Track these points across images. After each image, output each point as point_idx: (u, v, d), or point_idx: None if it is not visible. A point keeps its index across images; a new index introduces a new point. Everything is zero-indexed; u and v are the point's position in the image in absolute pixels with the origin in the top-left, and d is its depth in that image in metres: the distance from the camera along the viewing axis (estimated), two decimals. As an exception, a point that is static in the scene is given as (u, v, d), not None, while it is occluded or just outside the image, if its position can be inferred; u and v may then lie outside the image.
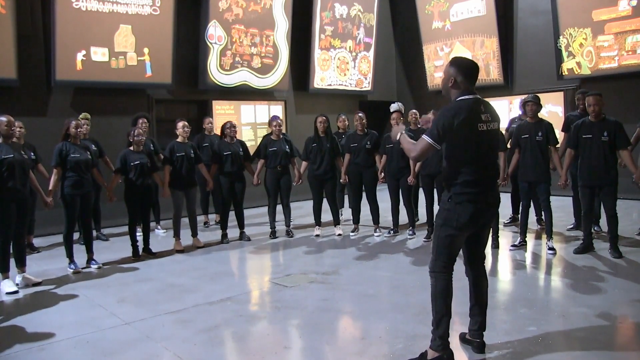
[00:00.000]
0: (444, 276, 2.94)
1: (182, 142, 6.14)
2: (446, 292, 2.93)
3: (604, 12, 8.41)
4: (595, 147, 5.01)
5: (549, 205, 5.33)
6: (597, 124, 5.03)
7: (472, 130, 2.86)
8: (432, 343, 2.93)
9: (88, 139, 6.36)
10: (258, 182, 6.52)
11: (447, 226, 2.91)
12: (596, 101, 5.00)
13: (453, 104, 2.92)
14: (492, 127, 2.94)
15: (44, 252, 6.31)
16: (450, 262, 2.96)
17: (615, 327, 3.53)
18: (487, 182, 2.94)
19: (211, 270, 5.28)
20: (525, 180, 5.42)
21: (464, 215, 2.87)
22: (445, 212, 2.93)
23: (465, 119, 2.83)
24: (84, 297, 4.53)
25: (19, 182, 4.69)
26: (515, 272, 4.97)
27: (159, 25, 8.08)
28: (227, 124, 6.52)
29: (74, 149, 5.29)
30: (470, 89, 2.94)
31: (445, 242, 2.93)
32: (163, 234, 7.10)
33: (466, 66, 2.98)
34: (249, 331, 3.66)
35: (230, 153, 6.36)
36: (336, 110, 9.26)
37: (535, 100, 5.39)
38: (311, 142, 6.61)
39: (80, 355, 3.34)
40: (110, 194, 5.73)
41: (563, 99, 9.25)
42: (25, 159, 4.85)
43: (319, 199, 6.71)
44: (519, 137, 5.43)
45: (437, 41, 10.92)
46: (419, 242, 6.14)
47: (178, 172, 6.04)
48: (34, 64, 7.31)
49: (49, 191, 5.20)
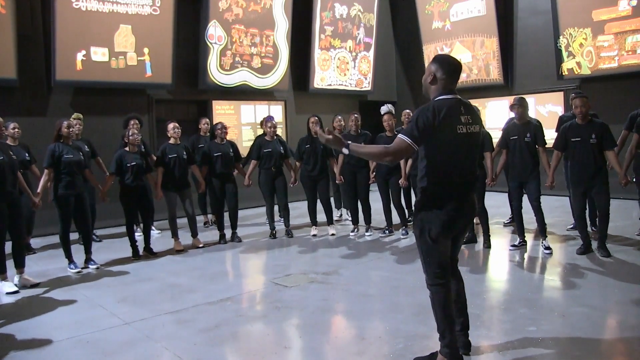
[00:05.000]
0: (439, 288, 2.81)
1: (174, 143, 6.12)
2: (445, 304, 2.81)
3: (604, 12, 8.40)
4: (585, 149, 5.03)
5: (539, 205, 5.36)
6: (585, 126, 5.07)
7: (450, 132, 2.69)
8: (442, 349, 2.87)
9: (81, 140, 6.34)
10: (249, 183, 6.51)
11: (423, 237, 2.79)
12: (582, 103, 5.03)
13: (431, 103, 2.75)
14: (472, 130, 2.76)
15: (45, 252, 6.30)
16: (442, 269, 2.81)
17: (615, 327, 3.53)
18: (461, 188, 2.79)
19: (211, 270, 5.28)
20: (515, 181, 5.46)
21: (436, 225, 2.74)
22: (420, 223, 2.81)
23: (443, 120, 2.66)
24: (84, 297, 4.53)
25: (9, 184, 4.66)
26: (515, 272, 4.96)
27: (159, 25, 8.08)
28: (218, 124, 6.53)
29: (67, 150, 5.26)
30: (451, 88, 2.79)
31: (428, 253, 2.81)
32: (157, 234, 7.08)
33: (448, 63, 2.82)
34: (249, 331, 3.66)
35: (221, 154, 6.35)
36: (336, 110, 9.25)
37: (520, 103, 5.42)
38: (304, 143, 6.62)
39: (80, 355, 3.34)
40: (104, 195, 5.71)
41: (563, 99, 9.23)
42: (14, 161, 4.81)
43: (313, 199, 6.71)
44: (508, 138, 5.46)
45: (437, 41, 10.91)
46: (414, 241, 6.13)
47: (171, 173, 6.02)
48: (34, 64, 7.31)
49: (37, 192, 5.14)
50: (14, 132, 5.85)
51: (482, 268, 5.08)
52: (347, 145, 2.78)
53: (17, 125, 5.89)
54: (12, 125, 5.81)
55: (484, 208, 5.73)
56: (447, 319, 2.82)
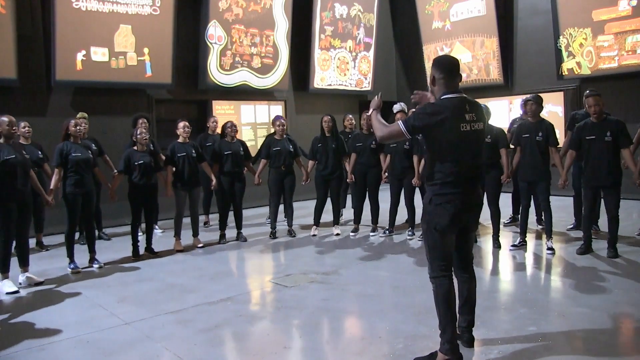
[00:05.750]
0: (443, 280, 2.90)
1: (183, 142, 6.14)
2: (448, 297, 2.88)
3: (604, 12, 8.40)
4: (599, 148, 4.98)
5: (548, 205, 5.33)
6: (600, 124, 5.02)
7: (454, 130, 2.80)
8: (441, 347, 2.90)
9: (88, 138, 6.37)
10: (259, 182, 6.52)
11: (430, 230, 2.91)
12: (596, 101, 4.98)
13: (437, 102, 2.90)
14: (476, 128, 2.87)
15: (44, 252, 6.30)
16: (447, 263, 2.93)
17: (616, 327, 3.53)
18: (467, 183, 2.88)
19: (211, 270, 5.28)
20: (525, 180, 5.42)
21: (444, 218, 2.84)
22: (427, 216, 2.94)
23: (445, 119, 2.79)
24: (84, 297, 4.53)
25: (20, 183, 4.70)
26: (515, 272, 4.97)
27: (159, 25, 8.08)
28: (228, 123, 6.53)
29: (75, 148, 5.30)
30: (454, 87, 2.89)
31: (434, 246, 2.92)
32: (160, 233, 7.10)
33: (444, 62, 2.96)
34: (249, 331, 3.66)
35: (231, 152, 6.36)
36: (336, 110, 9.25)
37: (535, 100, 5.38)
38: (317, 142, 6.66)
39: (80, 355, 3.34)
40: (112, 193, 5.74)
41: (563, 99, 9.24)
42: (26, 160, 4.86)
43: (324, 199, 6.71)
44: (520, 136, 5.42)
45: (437, 41, 10.91)
46: (418, 242, 6.14)
47: (180, 172, 6.04)
48: (34, 64, 7.31)
49: (49, 190, 5.22)
50: (25, 132, 5.88)
51: (482, 268, 5.07)
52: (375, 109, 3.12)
53: (28, 124, 5.93)
54: (23, 124, 5.84)
55: (497, 208, 5.68)
56: (449, 313, 2.88)
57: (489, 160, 5.48)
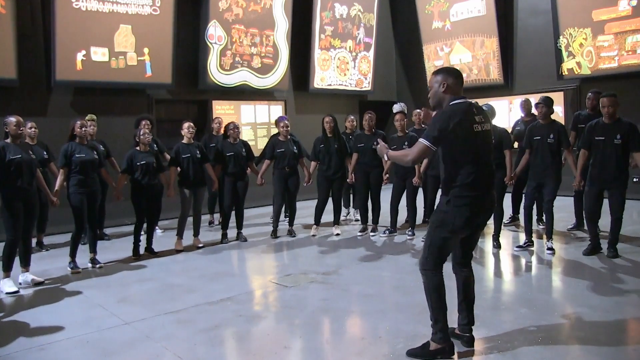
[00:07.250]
0: (435, 273, 3.03)
1: (188, 143, 6.14)
2: (439, 287, 3.02)
3: (604, 12, 8.40)
4: (608, 149, 4.94)
5: (551, 207, 5.31)
6: (611, 125, 4.96)
7: (469, 131, 2.92)
8: (433, 336, 3.02)
9: (96, 140, 6.37)
10: (262, 183, 6.52)
11: (442, 228, 2.99)
12: (611, 102, 4.90)
13: (447, 108, 2.98)
14: (485, 128, 3.01)
15: (44, 252, 6.29)
16: (441, 261, 3.04)
17: (616, 327, 3.52)
18: (485, 183, 2.99)
19: (211, 270, 5.28)
20: (535, 181, 5.39)
21: (460, 219, 2.94)
22: (442, 215, 3.00)
23: (461, 121, 2.90)
24: (84, 297, 4.53)
25: (26, 182, 4.72)
26: (516, 272, 4.97)
27: (159, 25, 8.08)
28: (230, 124, 6.54)
29: (80, 149, 5.31)
30: (461, 93, 3.03)
31: (439, 244, 3.01)
32: (161, 233, 7.09)
33: (452, 70, 3.12)
34: (249, 331, 3.66)
35: (233, 153, 6.37)
36: (336, 110, 9.25)
37: (545, 102, 5.34)
38: (319, 143, 6.65)
39: (80, 355, 3.34)
40: (118, 193, 5.77)
41: (563, 99, 9.24)
42: (32, 159, 4.86)
43: (325, 199, 6.71)
44: (531, 138, 5.37)
45: (437, 41, 10.91)
46: (418, 242, 6.14)
47: (185, 173, 6.06)
48: (34, 64, 7.31)
49: (55, 191, 5.23)
50: (32, 132, 5.89)
51: (483, 268, 5.07)
52: (387, 152, 3.18)
53: (34, 124, 5.94)
54: (30, 124, 5.85)
55: (501, 209, 5.66)
56: (440, 303, 3.01)
57: (496, 161, 5.47)
